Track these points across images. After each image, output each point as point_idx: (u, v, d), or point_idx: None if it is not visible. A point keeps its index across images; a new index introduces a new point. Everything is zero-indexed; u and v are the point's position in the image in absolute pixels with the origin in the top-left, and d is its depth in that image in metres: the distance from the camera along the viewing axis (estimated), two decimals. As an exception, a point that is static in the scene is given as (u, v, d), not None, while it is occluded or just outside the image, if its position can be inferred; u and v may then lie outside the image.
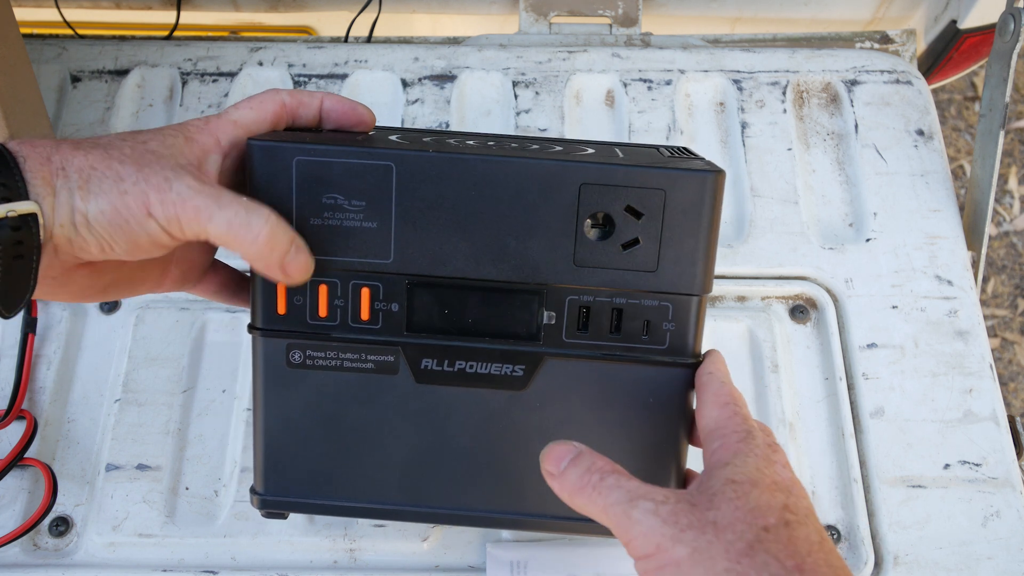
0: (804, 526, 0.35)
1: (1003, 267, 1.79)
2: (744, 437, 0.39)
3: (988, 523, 0.58)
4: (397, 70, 0.77)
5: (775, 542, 0.33)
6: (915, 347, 0.64)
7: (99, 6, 0.97)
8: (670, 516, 0.35)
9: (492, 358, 0.45)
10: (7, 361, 0.63)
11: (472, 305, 0.44)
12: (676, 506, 0.35)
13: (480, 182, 0.42)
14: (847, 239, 0.70)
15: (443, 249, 0.43)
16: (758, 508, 0.34)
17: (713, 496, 0.35)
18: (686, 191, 0.42)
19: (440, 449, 0.46)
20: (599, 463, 0.38)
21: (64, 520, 0.58)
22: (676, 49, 0.79)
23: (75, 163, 0.37)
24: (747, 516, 0.34)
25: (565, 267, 0.43)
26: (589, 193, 0.42)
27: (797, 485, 0.38)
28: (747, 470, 0.36)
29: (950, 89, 1.97)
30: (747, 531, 0.33)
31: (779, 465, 0.38)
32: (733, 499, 0.35)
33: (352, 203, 0.42)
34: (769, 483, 0.36)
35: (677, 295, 0.44)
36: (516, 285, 0.44)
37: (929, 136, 0.74)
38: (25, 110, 0.61)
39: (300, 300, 0.44)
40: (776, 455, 0.38)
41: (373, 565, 0.56)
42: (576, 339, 0.45)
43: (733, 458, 0.37)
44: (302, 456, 0.47)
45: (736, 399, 0.42)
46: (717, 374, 0.43)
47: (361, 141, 0.44)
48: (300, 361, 0.45)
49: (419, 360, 0.45)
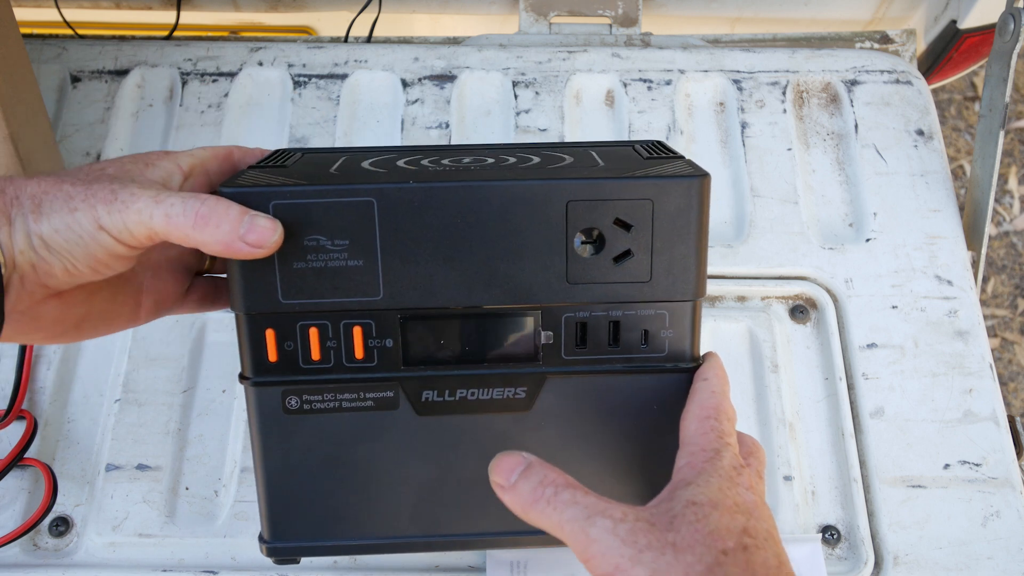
0: (762, 550, 0.35)
1: (1003, 267, 1.79)
2: (712, 456, 0.38)
3: (988, 523, 0.58)
4: (397, 70, 0.77)
5: (733, 566, 0.33)
6: (915, 347, 0.64)
7: (99, 6, 0.97)
8: (629, 536, 0.34)
9: (493, 383, 0.44)
10: (7, 361, 0.63)
11: (468, 333, 0.43)
12: (635, 525, 0.35)
13: (464, 209, 0.41)
14: (847, 239, 0.70)
15: (433, 280, 0.42)
16: (717, 531, 0.34)
17: (674, 517, 0.35)
18: (674, 198, 0.42)
19: (448, 478, 0.46)
20: (551, 475, 0.37)
21: (64, 520, 0.58)
22: (676, 49, 0.79)
23: (28, 190, 0.37)
24: (706, 539, 0.34)
25: (559, 286, 0.43)
26: (576, 210, 0.41)
27: (759, 507, 0.37)
28: (709, 491, 0.36)
29: (950, 89, 1.97)
30: (706, 554, 0.33)
31: (742, 487, 0.37)
32: (693, 521, 0.35)
33: (335, 243, 0.41)
34: (730, 505, 0.36)
35: (673, 302, 0.44)
36: (510, 309, 0.43)
37: (929, 136, 0.74)
38: (25, 110, 0.61)
39: (291, 346, 0.43)
40: (741, 476, 0.38)
41: (373, 565, 0.56)
42: (576, 355, 0.44)
43: (697, 478, 0.37)
44: (308, 500, 0.45)
45: (720, 412, 0.41)
46: (710, 382, 0.43)
47: (338, 176, 0.43)
48: (297, 407, 0.44)
49: (419, 393, 0.44)
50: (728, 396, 0.43)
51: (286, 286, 0.42)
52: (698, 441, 0.39)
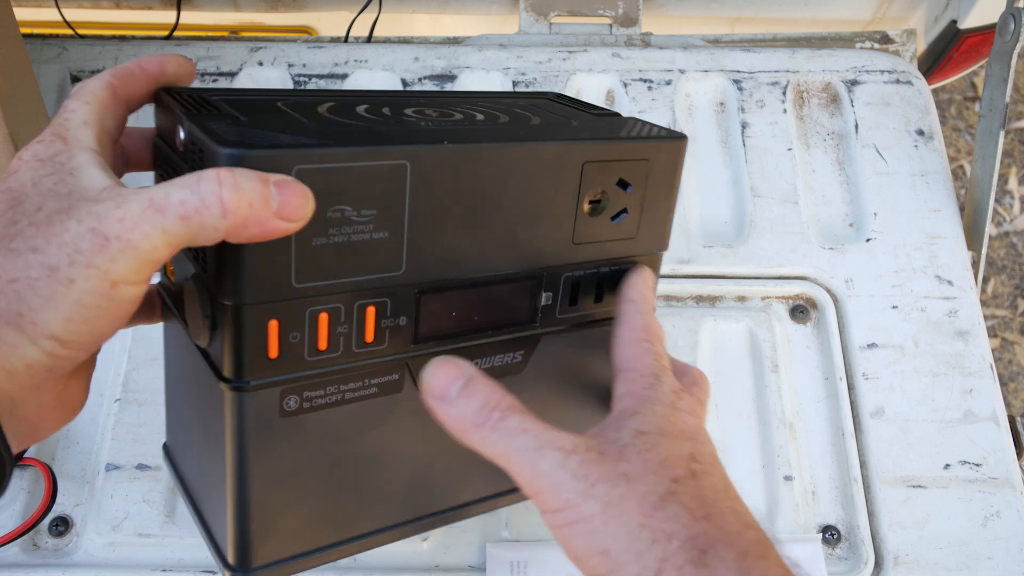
0: (710, 475, 0.34)
1: (1003, 267, 1.79)
2: (652, 383, 0.37)
3: (988, 523, 0.58)
4: (397, 70, 0.77)
5: (685, 493, 0.33)
6: (915, 347, 0.64)
7: (99, 6, 0.97)
8: (580, 469, 0.33)
9: (496, 351, 0.43)
10: (7, 361, 0.63)
11: (479, 302, 0.41)
12: (586, 456, 0.33)
13: (494, 173, 0.38)
14: (847, 239, 0.70)
15: (456, 250, 0.39)
16: (668, 459, 0.34)
17: (623, 447, 0.34)
18: (665, 158, 0.43)
19: (443, 454, 0.44)
20: (495, 396, 0.34)
21: (64, 520, 0.58)
22: (676, 49, 0.79)
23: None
24: (657, 468, 0.33)
25: (565, 247, 0.42)
26: (591, 171, 0.41)
27: (701, 432, 0.37)
28: (655, 419, 0.35)
29: (950, 89, 1.97)
30: (658, 483, 0.33)
31: (684, 412, 0.37)
32: (643, 451, 0.34)
33: (361, 213, 0.35)
34: (676, 432, 0.35)
35: (647, 256, 0.45)
36: (523, 273, 0.42)
37: (929, 136, 0.74)
38: (25, 110, 0.61)
39: (297, 336, 0.36)
40: (682, 401, 0.37)
41: (373, 565, 0.56)
42: (567, 314, 0.44)
43: (642, 407, 0.36)
44: (295, 509, 0.40)
45: (651, 334, 0.40)
46: (636, 304, 0.41)
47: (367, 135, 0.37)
48: (296, 407, 0.38)
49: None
50: (653, 313, 0.42)
51: (301, 267, 0.35)
52: (635, 366, 0.38)
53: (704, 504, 0.33)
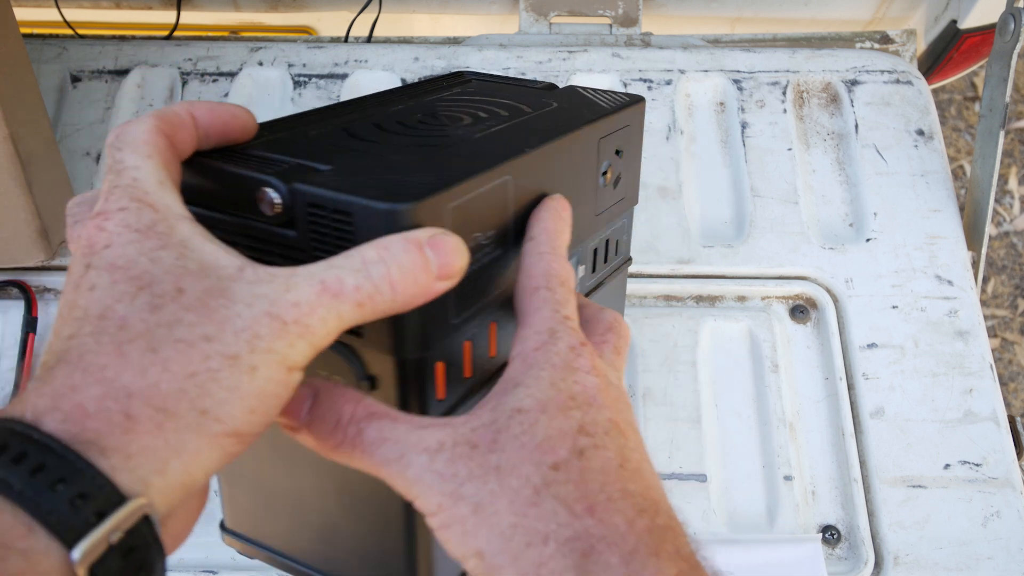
0: (601, 449, 0.29)
1: (1003, 267, 1.79)
2: (545, 341, 0.32)
3: (988, 523, 0.58)
4: (397, 70, 0.77)
5: (564, 483, 0.28)
6: (915, 347, 0.64)
7: (99, 6, 0.97)
8: (447, 468, 0.29)
9: None
10: (7, 361, 0.63)
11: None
12: (454, 452, 0.29)
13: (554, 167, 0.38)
14: (847, 239, 0.70)
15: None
16: (547, 441, 0.29)
17: (498, 432, 0.29)
18: (637, 120, 0.46)
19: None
20: (347, 407, 0.30)
21: (64, 520, 0.58)
22: (676, 49, 0.79)
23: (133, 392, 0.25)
24: (533, 454, 0.29)
25: (591, 220, 0.44)
26: (604, 145, 0.43)
27: (601, 392, 0.31)
28: (539, 390, 0.30)
29: (950, 89, 1.97)
30: (533, 474, 0.28)
31: (581, 371, 0.31)
32: (519, 435, 0.29)
33: (487, 235, 0.35)
34: (563, 401, 0.30)
35: (628, 209, 0.49)
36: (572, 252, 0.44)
37: (929, 136, 0.74)
38: (25, 110, 0.61)
39: (455, 370, 0.35)
40: (580, 359, 0.31)
41: (373, 565, 0.56)
42: (589, 280, 0.47)
43: (526, 375, 0.31)
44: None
45: (550, 277, 0.34)
46: (537, 241, 0.35)
47: (476, 157, 0.36)
48: None
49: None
50: (561, 252, 0.35)
51: (458, 303, 0.34)
52: (530, 322, 0.33)
53: (586, 494, 0.28)
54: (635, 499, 0.29)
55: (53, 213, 0.63)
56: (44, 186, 0.62)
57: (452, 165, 0.34)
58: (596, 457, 0.29)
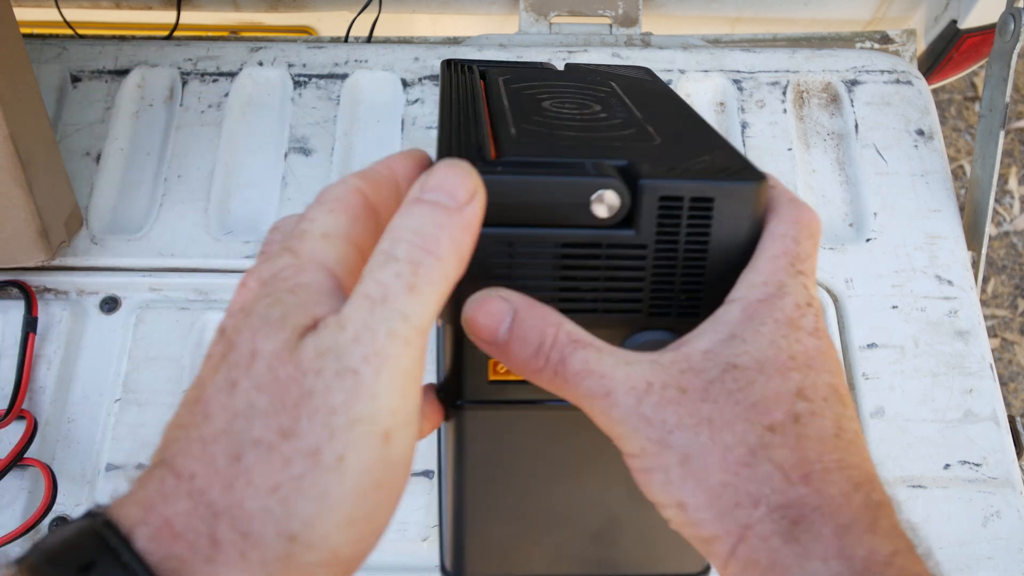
0: (819, 416, 0.27)
1: (1003, 267, 1.79)
2: (771, 294, 0.29)
3: (988, 523, 0.58)
4: (397, 70, 0.77)
5: (781, 447, 0.27)
6: (915, 347, 0.64)
7: (99, 6, 0.97)
8: (656, 412, 0.27)
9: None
10: (7, 361, 0.63)
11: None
12: (663, 395, 0.27)
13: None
14: (847, 239, 0.70)
15: None
16: (763, 401, 0.27)
17: (710, 383, 0.28)
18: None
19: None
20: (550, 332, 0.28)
21: (64, 520, 0.58)
22: (676, 49, 0.79)
23: (219, 511, 0.22)
24: (749, 413, 0.27)
25: None
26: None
27: (822, 356, 0.29)
28: (757, 348, 0.28)
29: (950, 89, 1.97)
30: (749, 432, 0.27)
31: (804, 332, 0.29)
32: (734, 391, 0.27)
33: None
34: (783, 362, 0.28)
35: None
36: None
37: (929, 136, 0.74)
38: (25, 110, 0.61)
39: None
40: (805, 319, 0.29)
41: (373, 565, 0.56)
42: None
43: (744, 328, 0.29)
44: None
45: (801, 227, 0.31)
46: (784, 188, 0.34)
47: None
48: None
49: None
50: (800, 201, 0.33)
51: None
52: (763, 269, 0.30)
53: (804, 460, 0.27)
54: (851, 471, 0.27)
55: (53, 213, 0.63)
56: (44, 186, 0.62)
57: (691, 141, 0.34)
58: (812, 424, 0.27)
